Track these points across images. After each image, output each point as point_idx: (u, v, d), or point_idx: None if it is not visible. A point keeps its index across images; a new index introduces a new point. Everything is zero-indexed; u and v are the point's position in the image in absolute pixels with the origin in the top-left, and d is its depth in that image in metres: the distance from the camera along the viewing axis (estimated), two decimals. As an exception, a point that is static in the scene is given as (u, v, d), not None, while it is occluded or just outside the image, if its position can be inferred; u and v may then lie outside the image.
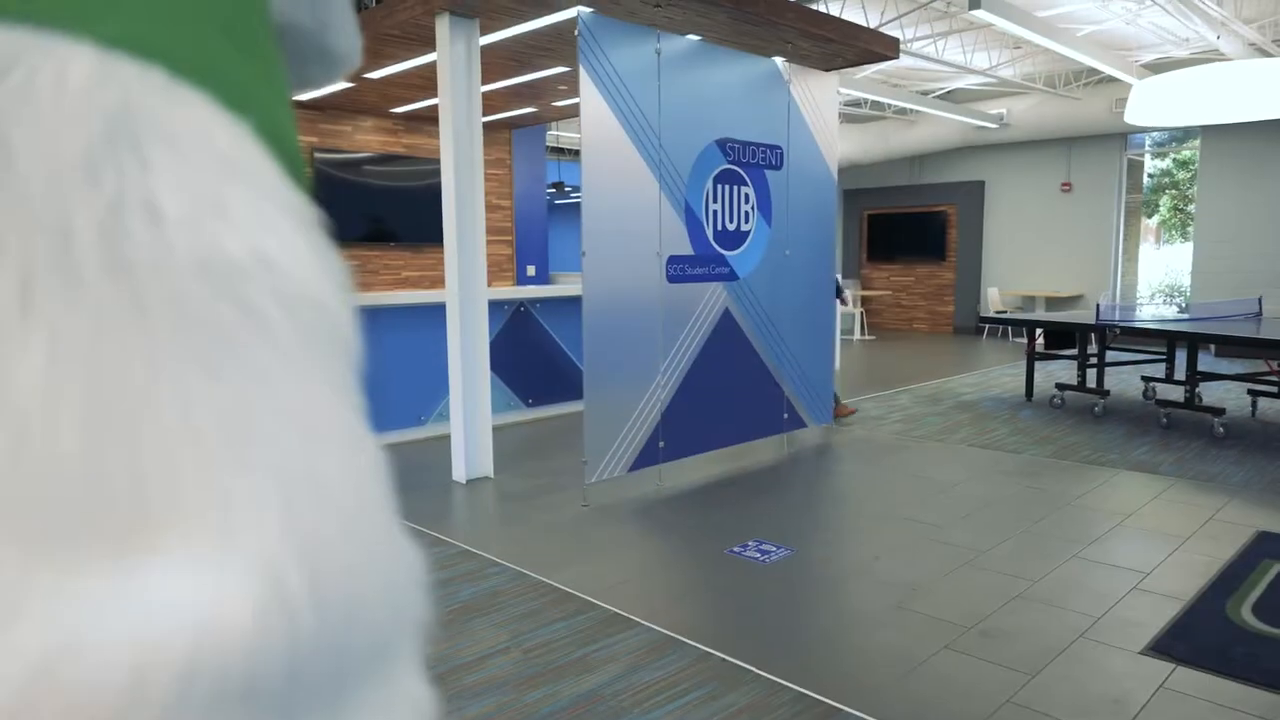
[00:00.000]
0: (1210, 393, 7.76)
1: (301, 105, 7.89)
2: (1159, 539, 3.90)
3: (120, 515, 0.20)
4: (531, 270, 9.94)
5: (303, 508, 0.22)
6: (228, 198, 0.23)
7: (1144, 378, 7.61)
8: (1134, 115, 7.96)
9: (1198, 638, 2.90)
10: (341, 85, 7.02)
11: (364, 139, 8.55)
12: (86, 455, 0.20)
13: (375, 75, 6.53)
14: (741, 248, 5.21)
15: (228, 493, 0.21)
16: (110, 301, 0.21)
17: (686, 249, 4.86)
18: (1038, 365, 8.06)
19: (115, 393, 0.21)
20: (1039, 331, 7.66)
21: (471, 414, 4.98)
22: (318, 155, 8.15)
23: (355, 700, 0.23)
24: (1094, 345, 7.41)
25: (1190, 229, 13.42)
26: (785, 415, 5.66)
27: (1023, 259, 13.17)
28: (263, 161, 0.25)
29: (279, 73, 0.29)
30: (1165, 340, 7.01)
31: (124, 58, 0.23)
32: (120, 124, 0.22)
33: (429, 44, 5.38)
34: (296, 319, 0.24)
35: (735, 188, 5.14)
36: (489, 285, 7.18)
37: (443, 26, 4.72)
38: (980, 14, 6.66)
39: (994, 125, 11.99)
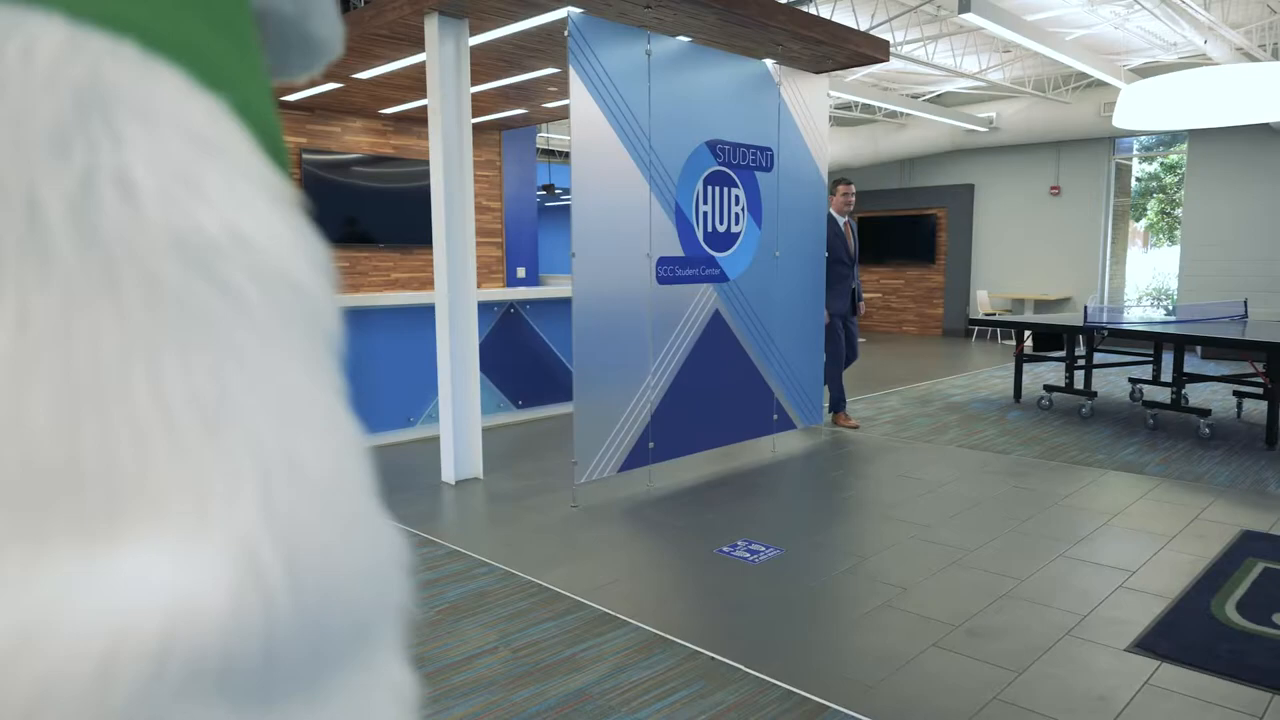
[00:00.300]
0: (1196, 394, 7.81)
1: (289, 106, 7.87)
2: (1145, 538, 3.92)
3: (93, 496, 0.20)
4: (521, 272, 9.93)
5: (279, 489, 0.22)
6: (203, 174, 0.23)
7: (1131, 379, 7.65)
8: (1122, 119, 8.01)
9: (1182, 635, 2.92)
10: (330, 85, 7.00)
11: (353, 140, 8.53)
12: (57, 435, 0.20)
13: (364, 76, 6.52)
14: (731, 249, 5.22)
15: (202, 473, 0.21)
16: (81, 277, 0.20)
17: (676, 250, 4.87)
18: (1026, 367, 8.09)
19: (87, 371, 0.20)
20: (1027, 334, 7.69)
21: (461, 415, 4.97)
22: (306, 156, 8.13)
23: (334, 683, 0.23)
24: (1082, 347, 7.44)
25: (1177, 232, 13.50)
26: (775, 416, 5.67)
27: (1011, 262, 13.22)
28: (239, 139, 0.25)
29: (257, 54, 0.29)
30: (1152, 342, 7.05)
31: (95, 31, 0.22)
32: (91, 97, 0.22)
33: (418, 44, 5.37)
34: (273, 298, 0.23)
35: (725, 189, 5.15)
36: (479, 287, 7.16)
37: (431, 27, 4.72)
38: (970, 18, 6.69)
39: (983, 129, 12.04)
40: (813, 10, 7.60)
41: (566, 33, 4.25)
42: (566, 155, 13.91)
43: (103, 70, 0.22)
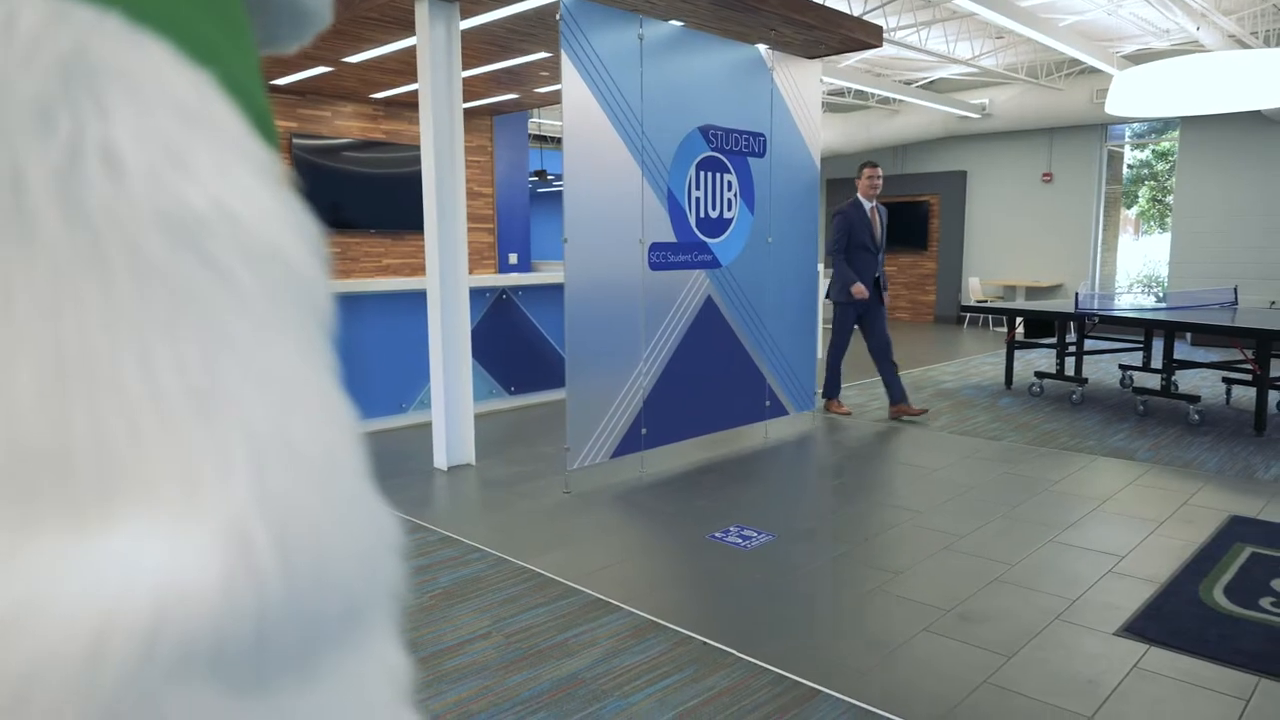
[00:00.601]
0: (1186, 380, 7.85)
1: (279, 90, 7.81)
2: (1134, 523, 3.95)
3: (82, 478, 0.20)
4: (514, 258, 9.90)
5: (271, 470, 0.22)
6: (190, 148, 0.22)
7: (1121, 366, 7.69)
8: (1114, 106, 8.01)
9: (1171, 619, 2.94)
10: (320, 69, 6.95)
11: (343, 125, 8.47)
12: (45, 417, 0.20)
13: (354, 59, 6.47)
14: (724, 235, 5.21)
15: (193, 454, 0.21)
16: (68, 256, 0.20)
17: (669, 236, 4.85)
18: (1017, 354, 8.12)
19: (74, 352, 0.20)
20: (1019, 320, 7.71)
21: (453, 401, 4.96)
22: (296, 141, 8.07)
23: (327, 665, 0.23)
24: (1073, 334, 7.47)
25: (1168, 219, 13.55)
26: (767, 403, 5.68)
27: (1003, 249, 13.25)
28: (226, 113, 0.24)
29: (245, 28, 0.28)
30: (1143, 329, 7.09)
31: (79, 3, 0.22)
32: (76, 70, 0.21)
33: (409, 28, 5.33)
34: (262, 276, 0.23)
35: (718, 175, 5.14)
36: (470, 273, 7.14)
37: (422, 10, 4.68)
38: (963, 3, 6.67)
39: (976, 115, 12.03)
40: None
41: (558, 16, 4.22)
42: (558, 141, 13.84)
43: (88, 43, 0.21)
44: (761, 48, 5.40)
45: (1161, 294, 10.73)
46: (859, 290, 6.02)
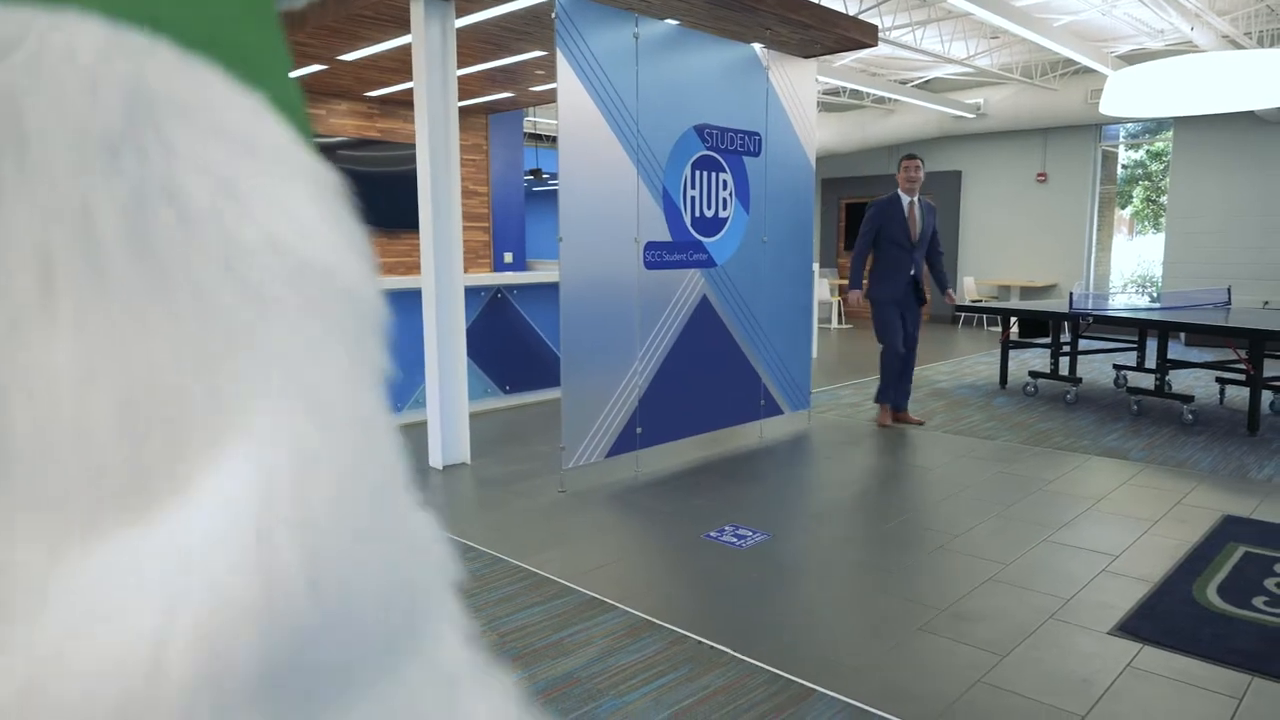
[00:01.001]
0: (1180, 380, 7.88)
1: (275, 88, 7.80)
2: (1128, 522, 3.96)
3: (142, 497, 0.20)
4: (509, 257, 9.90)
5: (315, 487, 0.22)
6: (247, 181, 0.23)
7: (1115, 366, 7.71)
8: (1108, 106, 8.03)
9: (1165, 619, 2.95)
10: (315, 67, 6.93)
11: (339, 123, 8.46)
12: (114, 439, 0.20)
13: (349, 57, 6.45)
14: (719, 234, 5.21)
15: (240, 476, 0.21)
16: (135, 288, 0.21)
17: (664, 235, 4.85)
18: (1012, 353, 8.14)
19: (141, 375, 0.21)
20: (1013, 320, 7.73)
21: (448, 400, 4.95)
22: (292, 139, 8.05)
23: (368, 681, 0.24)
24: (1067, 334, 7.49)
25: (1162, 220, 13.59)
26: (762, 402, 5.68)
27: (998, 249, 13.27)
28: (279, 135, 0.25)
29: (280, 34, 0.29)
30: (1136, 329, 7.11)
31: (132, 31, 0.22)
32: (138, 102, 0.22)
33: (404, 26, 5.32)
34: (313, 301, 0.24)
35: (713, 174, 5.14)
36: (466, 271, 7.13)
37: (417, 8, 4.67)
38: (958, 2, 6.68)
39: (971, 115, 12.05)
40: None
41: (554, 15, 4.21)
42: (553, 139, 13.83)
43: (146, 73, 0.22)
44: (757, 47, 5.40)
45: (1155, 294, 10.76)
46: (853, 297, 6.01)
